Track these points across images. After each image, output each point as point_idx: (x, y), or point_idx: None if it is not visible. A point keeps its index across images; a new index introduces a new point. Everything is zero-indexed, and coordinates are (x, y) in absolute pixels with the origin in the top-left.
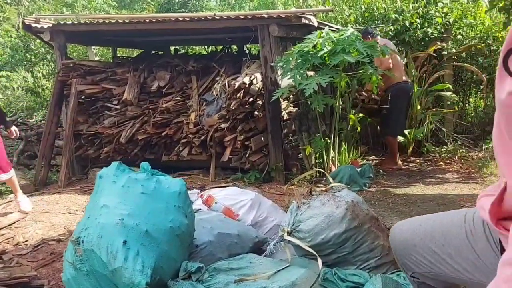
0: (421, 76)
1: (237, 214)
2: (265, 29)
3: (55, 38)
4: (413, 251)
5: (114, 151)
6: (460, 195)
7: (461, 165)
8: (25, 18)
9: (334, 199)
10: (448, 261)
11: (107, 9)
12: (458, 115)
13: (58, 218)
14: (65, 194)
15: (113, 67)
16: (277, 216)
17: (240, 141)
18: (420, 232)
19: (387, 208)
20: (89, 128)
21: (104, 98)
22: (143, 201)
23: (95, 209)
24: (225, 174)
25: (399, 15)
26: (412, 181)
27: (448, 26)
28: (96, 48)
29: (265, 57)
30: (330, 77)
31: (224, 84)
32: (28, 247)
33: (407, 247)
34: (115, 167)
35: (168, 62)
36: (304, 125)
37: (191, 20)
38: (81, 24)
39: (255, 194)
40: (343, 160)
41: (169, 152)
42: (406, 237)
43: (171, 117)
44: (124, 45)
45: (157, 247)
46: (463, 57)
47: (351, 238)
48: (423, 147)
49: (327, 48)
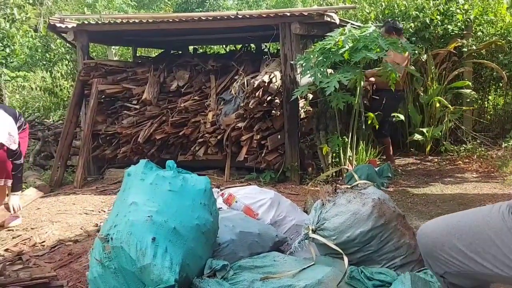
0: (440, 73)
1: (257, 213)
2: (286, 27)
3: (79, 38)
4: (441, 250)
5: (131, 151)
6: (480, 195)
7: (480, 164)
8: (50, 18)
9: (360, 197)
10: (476, 258)
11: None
12: (477, 113)
13: (75, 218)
14: (81, 195)
15: (133, 66)
16: (296, 215)
17: (256, 140)
18: (447, 231)
19: (406, 208)
20: (108, 128)
21: (124, 98)
22: (171, 198)
23: (124, 206)
24: (239, 174)
25: (420, 12)
26: (430, 180)
27: (468, 23)
28: (115, 48)
29: (285, 55)
30: (351, 75)
31: (243, 83)
32: (45, 248)
33: (435, 247)
34: (143, 165)
35: (187, 61)
36: (321, 124)
37: (213, 19)
38: (105, 24)
39: (274, 193)
40: (360, 159)
41: (185, 152)
42: (434, 237)
43: (188, 116)
44: (144, 45)
45: (184, 244)
46: (483, 54)
47: (377, 236)
48: (441, 146)
49: (349, 45)
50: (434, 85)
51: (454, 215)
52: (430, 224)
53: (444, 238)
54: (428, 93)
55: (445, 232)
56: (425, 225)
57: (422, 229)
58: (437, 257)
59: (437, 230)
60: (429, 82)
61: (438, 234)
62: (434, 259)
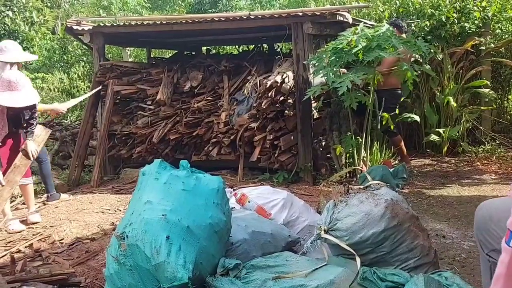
0: (457, 73)
1: (270, 213)
2: (298, 27)
3: (95, 39)
4: (496, 225)
5: (146, 151)
6: (499, 197)
7: (499, 166)
8: (67, 21)
9: (373, 197)
10: None
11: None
12: (496, 113)
13: (92, 217)
14: (98, 194)
15: (148, 68)
16: (308, 216)
17: (269, 141)
18: (503, 208)
19: (421, 209)
20: (123, 128)
21: (139, 99)
22: (184, 197)
23: (139, 205)
24: (252, 175)
25: (435, 10)
26: (447, 182)
27: (486, 20)
28: (130, 49)
29: (297, 55)
30: (364, 74)
31: (256, 83)
32: (63, 246)
33: (491, 220)
34: (158, 164)
35: (201, 62)
36: (335, 124)
37: (226, 20)
38: (120, 26)
39: (287, 193)
40: (374, 160)
41: (198, 152)
42: (491, 212)
43: (202, 117)
44: (159, 46)
45: (197, 242)
46: (502, 53)
47: (390, 237)
48: (458, 147)
49: (362, 44)
50: (450, 85)
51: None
52: (491, 201)
53: (501, 214)
54: (444, 93)
55: (502, 208)
56: (485, 201)
57: (481, 204)
58: (491, 232)
59: (496, 206)
60: (446, 82)
61: (495, 209)
62: (487, 233)
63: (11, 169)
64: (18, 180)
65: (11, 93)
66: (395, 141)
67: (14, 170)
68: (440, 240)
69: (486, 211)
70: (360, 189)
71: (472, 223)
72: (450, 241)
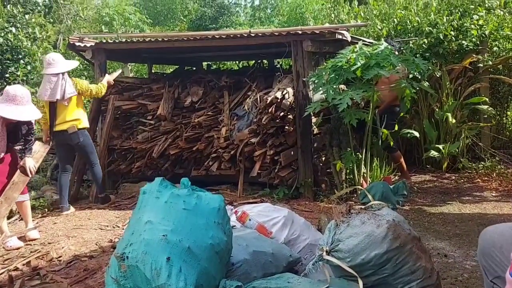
0: (456, 89)
1: (270, 231)
2: (298, 45)
3: (97, 56)
4: (498, 251)
5: (146, 165)
6: (501, 215)
7: (500, 183)
8: (69, 38)
9: (374, 218)
10: None
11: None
12: (495, 129)
13: (90, 234)
14: (96, 210)
15: (149, 83)
16: (309, 234)
17: (269, 156)
18: (507, 235)
19: (423, 227)
20: (123, 143)
21: (139, 114)
22: (185, 217)
23: (139, 225)
24: (252, 190)
25: (433, 27)
26: (448, 199)
27: (483, 38)
28: (131, 65)
29: (297, 71)
30: (364, 91)
31: (256, 99)
32: (61, 263)
33: (493, 246)
34: (159, 183)
35: (201, 77)
36: (335, 140)
37: (227, 37)
38: (122, 42)
39: (288, 211)
40: (375, 176)
41: (198, 166)
42: (494, 237)
43: (202, 131)
44: (160, 61)
45: (198, 264)
46: (500, 70)
47: (393, 259)
48: (458, 163)
49: (361, 62)
50: (449, 101)
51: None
52: (495, 226)
53: (503, 240)
54: (443, 109)
55: (505, 235)
56: (490, 227)
57: (486, 229)
58: (493, 257)
59: (500, 231)
60: (444, 98)
61: (499, 235)
62: (490, 258)
63: (9, 186)
64: (16, 197)
65: (17, 106)
66: (395, 157)
67: (12, 187)
68: (442, 259)
69: (489, 237)
70: (362, 209)
71: (474, 242)
72: (452, 260)
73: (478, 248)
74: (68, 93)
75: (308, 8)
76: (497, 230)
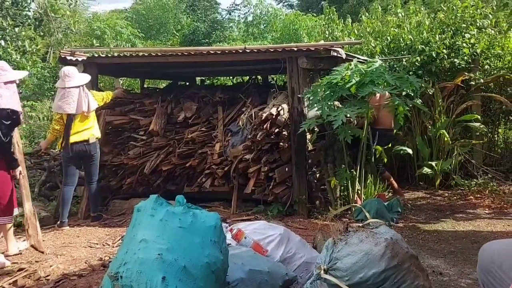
0: (448, 107)
1: (266, 249)
2: (293, 61)
3: (88, 70)
4: (498, 268)
5: (137, 182)
6: (494, 232)
7: (493, 200)
8: (60, 52)
9: (372, 236)
10: None
11: (133, 40)
12: (487, 146)
13: (79, 252)
14: (85, 227)
15: (141, 98)
16: (305, 252)
17: (264, 172)
18: (507, 252)
19: (417, 245)
20: (114, 158)
21: (131, 129)
22: (181, 235)
23: (134, 243)
24: (246, 207)
25: (426, 45)
26: (441, 216)
27: (475, 56)
28: (122, 79)
29: (292, 88)
30: (358, 109)
31: (250, 115)
32: (49, 283)
33: (493, 263)
34: (153, 200)
35: (195, 93)
36: (329, 156)
37: (222, 53)
38: (114, 57)
39: (283, 229)
40: (369, 193)
41: (191, 183)
42: (494, 254)
43: (196, 147)
44: (152, 76)
45: (194, 283)
46: (491, 88)
47: (391, 277)
48: (451, 180)
49: (355, 79)
50: (442, 118)
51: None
52: (494, 242)
53: (504, 257)
54: (436, 126)
55: (505, 252)
56: (488, 243)
57: (485, 245)
58: (493, 274)
59: (499, 248)
60: (437, 115)
61: (498, 252)
62: (489, 275)
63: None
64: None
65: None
66: (384, 177)
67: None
68: (437, 277)
69: (488, 253)
70: (359, 227)
71: (469, 260)
72: (447, 278)
73: (478, 263)
74: (93, 105)
75: (302, 24)
76: (495, 246)
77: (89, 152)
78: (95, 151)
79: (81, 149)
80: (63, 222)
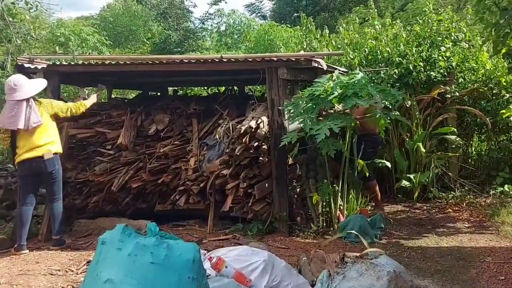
0: (425, 119)
1: (250, 279)
2: (273, 72)
3: (49, 79)
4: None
5: (104, 200)
6: (478, 248)
7: (471, 213)
8: (17, 58)
9: (373, 269)
10: None
11: (100, 48)
12: (462, 158)
13: (38, 280)
14: (46, 250)
15: (108, 109)
16: (291, 280)
17: (242, 189)
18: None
19: (403, 264)
20: (78, 175)
21: (97, 143)
22: (153, 273)
23: (97, 284)
24: (223, 225)
25: (403, 58)
26: (423, 231)
27: (451, 69)
28: (88, 89)
29: (272, 100)
30: (342, 122)
31: (228, 128)
32: None
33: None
34: (120, 231)
35: (167, 104)
36: (311, 171)
37: (197, 62)
38: (78, 64)
39: (267, 254)
40: (351, 208)
41: (163, 200)
42: None
43: (168, 162)
44: (121, 86)
45: None
46: (465, 101)
47: None
48: (429, 193)
49: (338, 91)
50: (419, 131)
51: None
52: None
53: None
54: (413, 139)
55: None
56: None
57: None
58: None
59: None
60: (414, 128)
61: None
62: None
63: None
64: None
65: None
66: (371, 186)
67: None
68: None
69: None
70: (357, 257)
71: (456, 278)
72: None
73: None
74: (33, 122)
75: (277, 35)
76: None
77: (46, 169)
78: (53, 167)
79: (36, 166)
80: (21, 246)
